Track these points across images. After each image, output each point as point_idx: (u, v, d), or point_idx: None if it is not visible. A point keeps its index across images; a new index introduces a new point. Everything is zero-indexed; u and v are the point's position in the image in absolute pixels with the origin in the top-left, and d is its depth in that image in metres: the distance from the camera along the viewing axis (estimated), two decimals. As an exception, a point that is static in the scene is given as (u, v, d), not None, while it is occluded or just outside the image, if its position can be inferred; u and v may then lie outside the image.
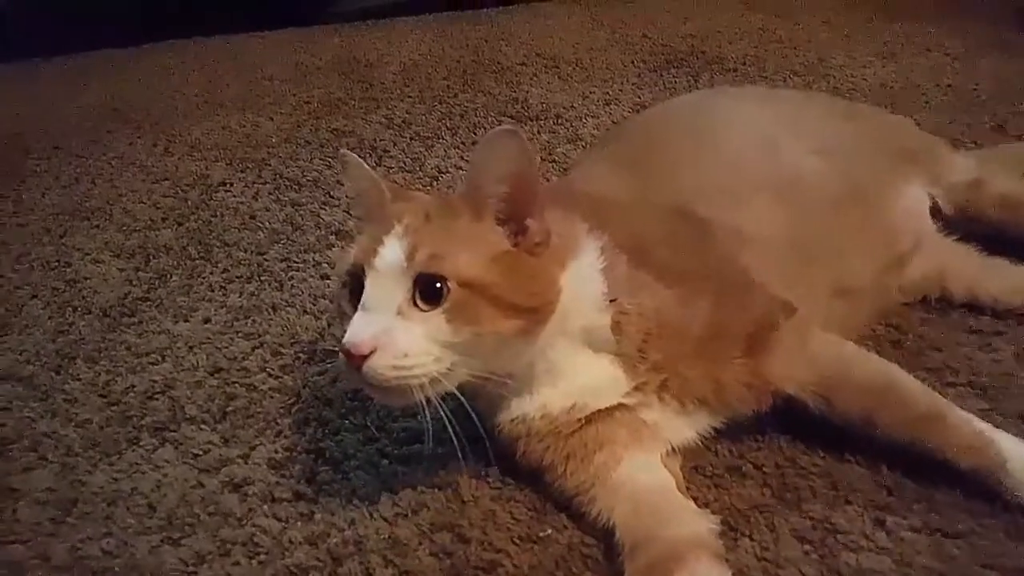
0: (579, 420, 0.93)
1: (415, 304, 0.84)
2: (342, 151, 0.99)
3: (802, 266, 1.05)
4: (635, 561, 0.83)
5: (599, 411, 0.93)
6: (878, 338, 1.11)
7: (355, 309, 0.86)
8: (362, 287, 0.86)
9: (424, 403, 0.85)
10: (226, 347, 1.30)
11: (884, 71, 2.09)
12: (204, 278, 1.51)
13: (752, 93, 1.60)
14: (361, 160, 0.97)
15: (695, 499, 0.91)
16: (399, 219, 0.87)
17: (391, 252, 0.85)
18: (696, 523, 0.86)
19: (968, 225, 1.21)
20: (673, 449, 0.96)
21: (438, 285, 0.83)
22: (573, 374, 0.93)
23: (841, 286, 1.08)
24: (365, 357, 0.82)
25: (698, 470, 0.96)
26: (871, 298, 1.12)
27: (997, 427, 0.88)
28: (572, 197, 1.07)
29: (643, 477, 0.91)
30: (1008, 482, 0.84)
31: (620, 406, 0.94)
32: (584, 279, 0.91)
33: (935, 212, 1.23)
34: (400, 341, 0.82)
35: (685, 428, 0.96)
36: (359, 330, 0.83)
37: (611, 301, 0.92)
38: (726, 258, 1.00)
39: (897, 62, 2.14)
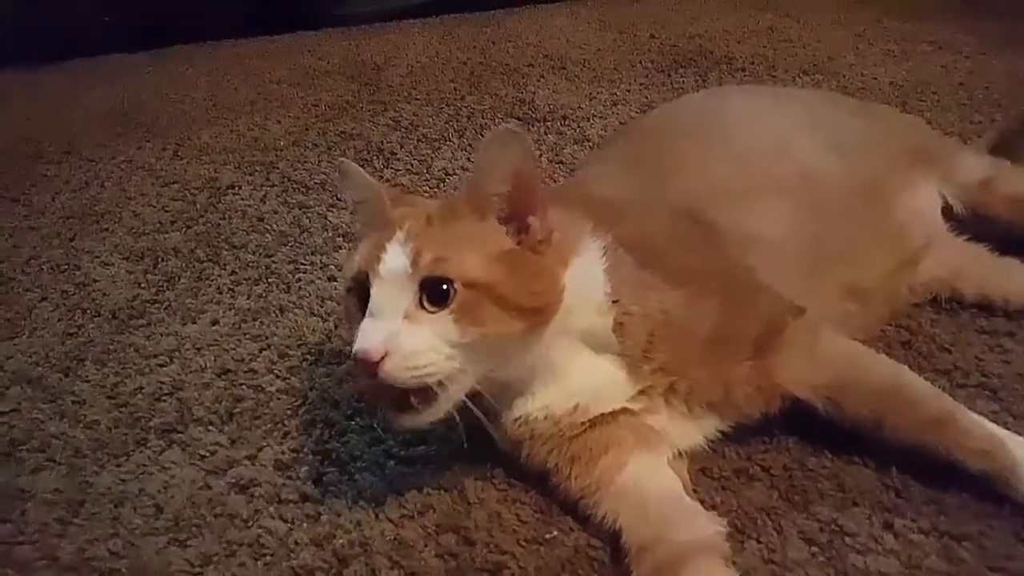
0: (583, 423, 0.93)
1: (422, 307, 0.84)
2: (340, 160, 0.99)
3: (814, 266, 1.05)
4: (641, 564, 0.83)
5: (603, 415, 0.93)
6: (888, 338, 1.11)
7: (362, 315, 0.86)
8: (368, 293, 0.86)
9: (454, 409, 0.86)
10: (234, 349, 1.30)
11: (895, 70, 2.08)
12: (212, 280, 1.51)
13: (762, 92, 1.60)
14: (359, 167, 0.97)
15: (702, 501, 0.91)
16: (401, 224, 0.87)
17: (395, 258, 0.85)
18: (703, 526, 0.86)
19: (979, 225, 1.20)
20: (680, 452, 0.96)
21: (444, 287, 0.83)
22: (574, 374, 0.93)
23: (853, 286, 1.07)
24: (378, 363, 0.82)
25: (705, 472, 0.96)
26: (882, 298, 1.12)
27: (1008, 429, 0.88)
28: (578, 198, 1.07)
29: (649, 480, 0.91)
30: (1018, 485, 0.83)
31: (624, 410, 0.94)
32: (586, 278, 0.91)
33: (946, 212, 1.22)
34: (408, 343, 0.83)
35: (692, 432, 0.96)
36: (368, 337, 0.83)
37: (614, 302, 0.91)
38: (734, 260, 0.99)
39: (908, 61, 2.14)
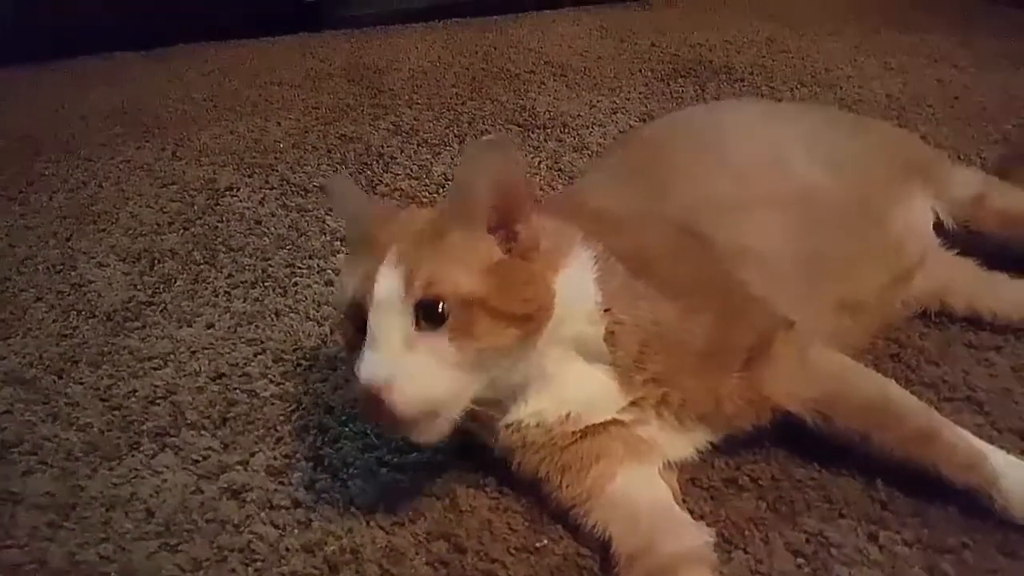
0: (574, 433, 0.93)
1: (419, 329, 0.84)
2: (327, 177, 1.00)
3: (808, 280, 1.06)
4: (632, 570, 0.84)
5: (594, 425, 0.94)
6: (877, 351, 1.12)
7: (362, 340, 0.86)
8: (364, 320, 0.86)
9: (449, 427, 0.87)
10: (228, 353, 1.30)
11: (891, 83, 2.09)
12: (209, 283, 1.51)
13: (759, 106, 1.61)
14: (348, 182, 0.97)
15: (690, 511, 0.92)
16: (390, 245, 0.87)
17: (389, 283, 0.84)
18: (692, 536, 0.87)
19: (970, 239, 1.21)
20: (670, 463, 0.96)
21: (439, 308, 0.84)
22: (566, 383, 0.93)
23: (847, 300, 1.08)
24: (382, 395, 0.82)
25: (695, 482, 0.96)
26: (877, 312, 1.12)
27: (992, 442, 0.89)
28: (572, 208, 1.07)
29: (639, 491, 0.91)
30: (1000, 499, 0.84)
31: (615, 421, 0.94)
32: (576, 286, 0.92)
33: (937, 226, 1.23)
34: (410, 374, 0.83)
35: (683, 444, 0.96)
36: (372, 369, 0.83)
37: (605, 311, 0.92)
38: (726, 272, 1.00)
39: (905, 74, 2.15)
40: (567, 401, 0.93)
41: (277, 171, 1.95)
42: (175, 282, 1.53)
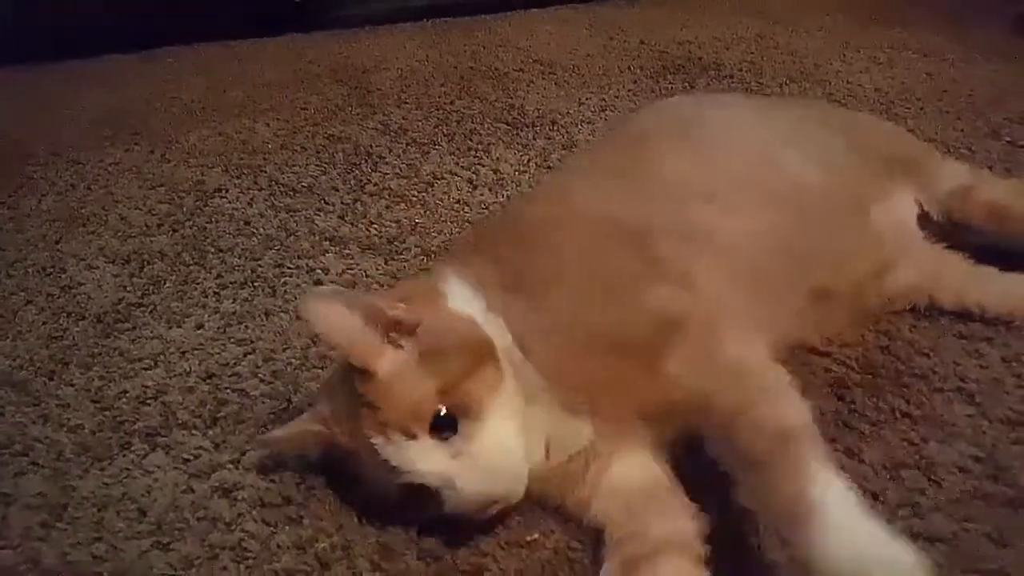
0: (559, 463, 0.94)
1: (450, 441, 0.87)
2: (259, 440, 1.06)
3: (781, 272, 1.04)
4: (616, 554, 0.85)
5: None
6: (867, 343, 1.12)
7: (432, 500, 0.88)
8: (423, 488, 0.88)
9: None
10: (218, 353, 1.30)
11: (880, 77, 2.10)
12: (198, 284, 1.51)
13: (741, 100, 1.61)
14: (275, 435, 1.00)
15: (679, 503, 0.91)
16: (367, 434, 0.88)
17: (399, 449, 0.87)
18: (683, 522, 0.87)
19: (958, 233, 1.21)
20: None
21: (443, 418, 0.86)
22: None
23: (823, 290, 1.07)
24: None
25: (683, 476, 0.95)
26: (849, 303, 1.12)
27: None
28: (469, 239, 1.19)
29: (634, 473, 0.93)
30: (806, 540, 0.73)
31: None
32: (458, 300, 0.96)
33: (925, 220, 1.23)
34: (492, 452, 0.87)
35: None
36: (477, 487, 0.86)
37: (489, 313, 0.94)
38: (645, 267, 0.97)
39: (893, 68, 2.15)
40: (534, 435, 0.93)
41: (266, 172, 1.94)
42: (164, 283, 1.53)
